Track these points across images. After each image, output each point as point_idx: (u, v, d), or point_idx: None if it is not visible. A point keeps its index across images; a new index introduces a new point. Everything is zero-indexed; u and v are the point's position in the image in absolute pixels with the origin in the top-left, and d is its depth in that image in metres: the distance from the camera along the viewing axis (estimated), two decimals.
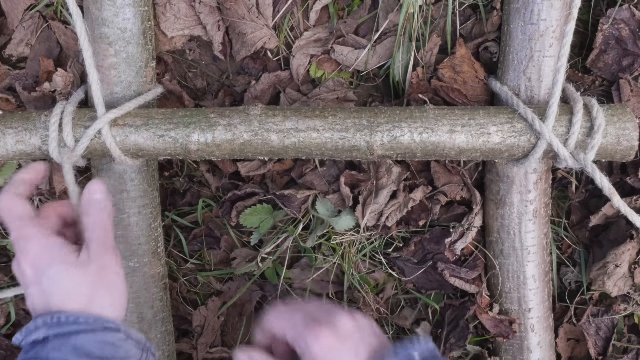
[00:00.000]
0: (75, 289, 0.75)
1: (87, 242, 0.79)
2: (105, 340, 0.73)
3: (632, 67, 1.06)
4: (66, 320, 0.72)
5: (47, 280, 0.75)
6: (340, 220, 1.10)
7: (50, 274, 0.75)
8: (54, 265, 0.75)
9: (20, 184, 0.83)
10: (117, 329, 0.75)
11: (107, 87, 0.97)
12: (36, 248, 0.76)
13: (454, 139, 0.91)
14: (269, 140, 0.92)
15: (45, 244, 0.77)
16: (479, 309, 1.11)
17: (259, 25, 1.04)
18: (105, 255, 0.78)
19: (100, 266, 0.77)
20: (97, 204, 0.82)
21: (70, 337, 0.71)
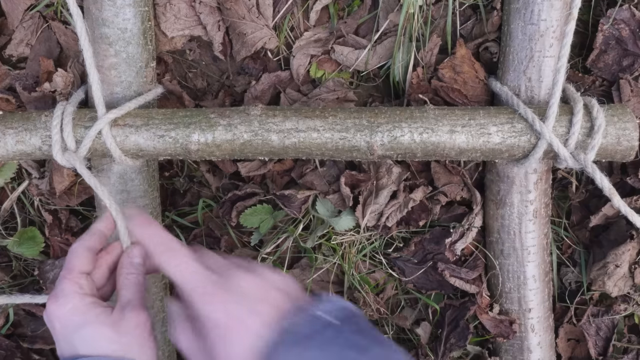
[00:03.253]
0: (107, 346, 0.75)
1: (122, 300, 0.79)
2: None
3: (632, 67, 1.06)
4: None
5: (78, 338, 0.76)
6: (340, 220, 1.10)
7: (82, 334, 0.76)
8: (86, 324, 0.76)
9: (96, 235, 0.84)
10: None
11: (107, 87, 0.97)
12: (70, 305, 0.77)
13: (454, 139, 0.91)
14: (269, 140, 0.92)
15: (79, 302, 0.77)
16: (479, 309, 1.11)
17: (259, 25, 1.04)
18: (140, 314, 0.78)
19: (135, 325, 0.77)
20: (136, 267, 0.83)
21: None
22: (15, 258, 1.19)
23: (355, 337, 0.68)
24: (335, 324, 0.69)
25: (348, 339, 0.68)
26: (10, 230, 1.18)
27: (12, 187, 1.14)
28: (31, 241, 1.15)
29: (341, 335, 0.68)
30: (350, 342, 0.67)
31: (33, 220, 1.18)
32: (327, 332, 0.68)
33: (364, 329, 0.71)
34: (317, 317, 0.70)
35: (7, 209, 1.15)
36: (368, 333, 0.70)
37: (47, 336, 1.20)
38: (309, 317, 0.69)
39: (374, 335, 0.70)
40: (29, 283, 1.21)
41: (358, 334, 0.69)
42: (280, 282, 0.76)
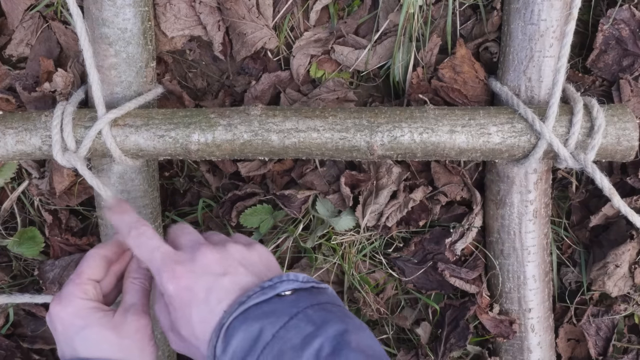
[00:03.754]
0: (108, 349, 0.76)
1: (125, 304, 0.80)
2: None
3: (632, 67, 1.06)
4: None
5: (79, 340, 0.76)
6: (340, 220, 1.10)
7: (83, 336, 0.76)
8: (88, 327, 0.76)
9: (114, 246, 0.84)
10: None
11: (107, 87, 0.97)
12: (71, 308, 0.77)
13: (454, 139, 0.91)
14: (269, 140, 0.92)
15: (81, 306, 0.78)
16: (479, 309, 1.11)
17: (259, 25, 1.04)
18: (141, 319, 0.79)
19: (136, 329, 0.77)
20: (143, 272, 0.84)
21: None
22: (15, 258, 1.19)
23: (315, 313, 0.69)
24: (295, 300, 0.71)
25: (307, 314, 0.69)
26: (10, 230, 1.18)
27: (12, 187, 1.14)
28: (31, 241, 1.15)
29: (301, 312, 0.69)
30: (308, 317, 0.69)
31: (33, 220, 1.18)
32: (286, 308, 0.70)
33: (327, 304, 0.72)
34: (278, 294, 0.71)
35: (7, 209, 1.15)
36: (329, 309, 0.71)
37: (47, 336, 1.20)
38: (269, 293, 0.71)
39: (335, 311, 0.71)
40: (29, 283, 1.21)
41: (320, 310, 0.70)
42: (249, 257, 0.77)
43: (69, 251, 1.16)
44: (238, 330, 0.69)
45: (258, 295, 0.71)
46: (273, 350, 0.67)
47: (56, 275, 1.15)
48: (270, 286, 0.72)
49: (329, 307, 0.72)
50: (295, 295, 0.72)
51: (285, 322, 0.68)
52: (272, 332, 0.68)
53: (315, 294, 0.74)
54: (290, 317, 0.69)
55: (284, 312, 0.69)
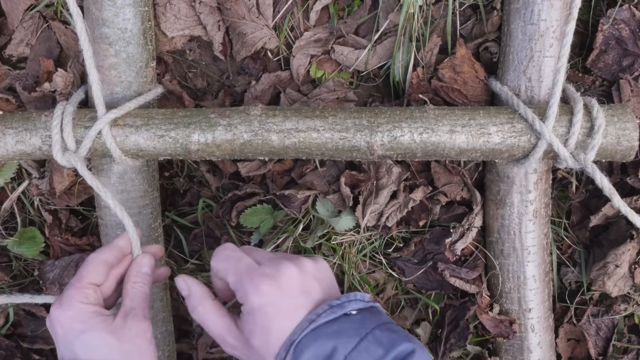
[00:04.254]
0: (107, 353, 0.77)
1: (125, 308, 0.81)
2: None
3: (632, 67, 1.06)
4: None
5: (79, 344, 0.77)
6: (340, 220, 1.10)
7: (83, 339, 0.77)
8: (88, 331, 0.77)
9: (114, 250, 0.86)
10: None
11: (107, 87, 0.97)
12: (71, 312, 0.78)
13: (454, 139, 0.91)
14: (269, 140, 0.92)
15: (81, 310, 0.79)
16: (479, 308, 1.11)
17: (259, 25, 1.04)
18: (141, 323, 0.79)
19: (135, 334, 0.78)
20: (143, 276, 0.85)
21: None
22: (15, 258, 1.19)
23: (382, 334, 0.71)
24: (362, 320, 0.73)
25: (375, 335, 0.71)
26: (10, 230, 1.18)
27: (12, 187, 1.14)
28: (31, 241, 1.15)
29: (370, 332, 0.71)
30: (377, 339, 0.70)
31: (33, 220, 1.18)
32: (355, 329, 0.71)
33: (391, 324, 0.74)
34: (345, 313, 0.73)
35: (7, 209, 1.15)
36: (394, 330, 0.73)
37: (47, 336, 1.20)
38: (338, 312, 0.73)
39: (399, 332, 0.73)
40: (29, 283, 1.21)
41: (386, 331, 0.72)
42: (319, 273, 0.80)
43: (69, 251, 1.16)
44: (309, 348, 0.71)
45: (327, 314, 0.73)
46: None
47: (56, 275, 1.15)
48: (339, 305, 0.74)
49: (393, 327, 0.74)
50: (361, 315, 0.74)
51: (356, 343, 0.70)
52: (344, 352, 0.70)
53: (375, 313, 0.76)
54: (360, 338, 0.71)
55: (354, 332, 0.71)
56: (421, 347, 0.71)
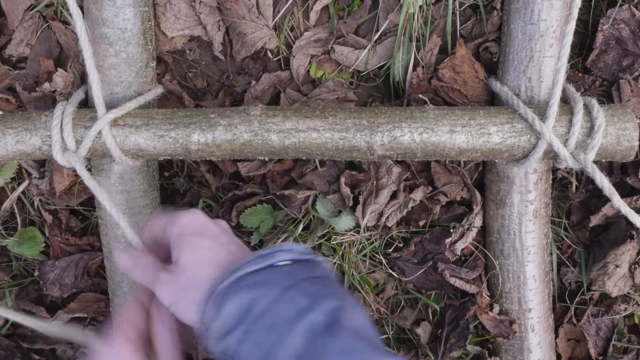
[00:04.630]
0: None
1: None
2: None
3: (632, 67, 1.06)
4: None
5: None
6: (340, 220, 1.10)
7: None
8: None
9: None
10: None
11: (107, 87, 0.97)
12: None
13: (454, 139, 0.91)
14: (269, 140, 0.92)
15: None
16: (479, 308, 1.11)
17: (259, 25, 1.04)
18: None
19: None
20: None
21: None
22: (15, 258, 1.19)
23: (311, 287, 0.69)
24: (291, 271, 0.70)
25: (303, 288, 0.68)
26: (10, 230, 1.18)
27: (12, 187, 1.14)
28: (31, 241, 1.15)
29: (297, 284, 0.68)
30: (304, 290, 0.68)
31: (33, 220, 1.18)
32: (281, 280, 0.69)
33: (324, 278, 0.72)
34: (272, 264, 0.71)
35: (7, 209, 1.15)
36: (326, 284, 0.70)
37: (46, 336, 1.20)
38: (264, 263, 0.70)
39: (331, 286, 0.71)
40: (29, 283, 1.21)
41: (316, 284, 0.69)
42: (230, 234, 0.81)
43: (69, 251, 1.16)
44: (230, 299, 0.68)
45: (251, 264, 0.70)
46: (266, 322, 0.66)
47: (56, 275, 1.15)
48: (267, 255, 0.71)
49: (325, 282, 0.71)
50: (291, 267, 0.71)
51: (279, 293, 0.68)
52: (265, 303, 0.67)
53: (312, 267, 0.73)
54: (285, 289, 0.68)
55: (279, 283, 0.69)
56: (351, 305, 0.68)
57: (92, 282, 1.19)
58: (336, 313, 0.65)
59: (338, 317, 0.65)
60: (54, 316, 1.15)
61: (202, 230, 0.79)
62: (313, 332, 0.64)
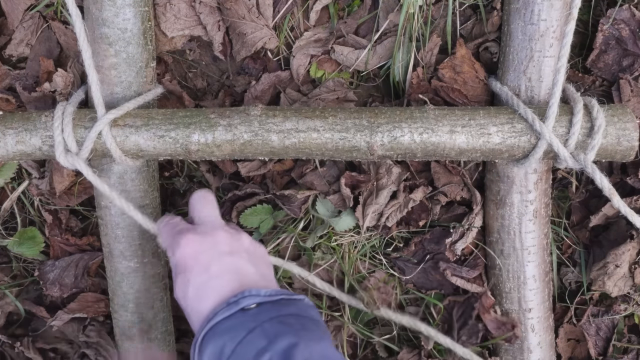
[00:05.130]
0: None
1: None
2: None
3: (632, 67, 1.06)
4: None
5: None
6: (340, 221, 1.10)
7: None
8: None
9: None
10: None
11: (107, 87, 0.97)
12: None
13: (454, 139, 0.91)
14: (269, 141, 0.92)
15: None
16: (482, 309, 1.11)
17: (259, 25, 1.04)
18: None
19: None
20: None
21: None
22: (15, 258, 1.19)
23: (271, 327, 0.74)
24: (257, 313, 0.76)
25: (264, 329, 0.74)
26: (10, 230, 1.18)
27: (12, 187, 1.14)
28: (31, 241, 1.15)
29: (259, 326, 0.74)
30: (264, 331, 0.73)
31: (33, 220, 1.18)
32: (247, 323, 0.75)
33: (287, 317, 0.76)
34: (242, 308, 0.77)
35: (7, 209, 1.15)
36: (287, 321, 0.75)
37: (47, 336, 1.20)
38: (233, 309, 0.77)
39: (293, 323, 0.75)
40: (29, 283, 1.21)
41: (277, 323, 0.74)
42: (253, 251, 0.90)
43: (69, 251, 1.16)
44: (208, 346, 0.75)
45: (223, 312, 0.77)
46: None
47: (56, 275, 1.15)
48: (235, 302, 0.78)
49: (288, 320, 0.76)
50: (258, 308, 0.77)
51: (243, 337, 0.73)
52: (231, 347, 0.73)
53: (283, 305, 0.78)
54: (248, 332, 0.74)
55: (244, 326, 0.74)
56: (309, 340, 0.72)
57: (92, 282, 1.19)
58: (289, 351, 0.70)
59: (291, 354, 0.70)
60: (54, 316, 1.15)
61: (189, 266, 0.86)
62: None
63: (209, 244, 0.86)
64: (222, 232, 0.88)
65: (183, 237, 0.86)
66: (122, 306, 1.09)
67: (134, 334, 1.10)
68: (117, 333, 1.12)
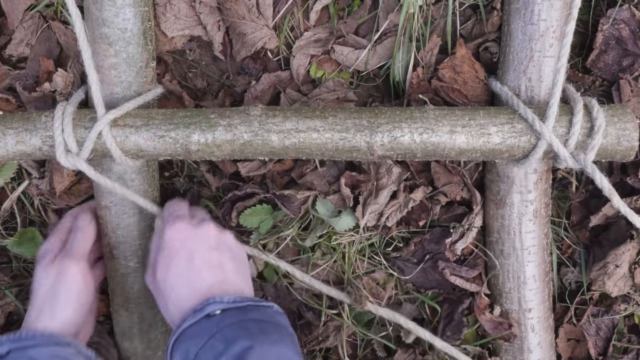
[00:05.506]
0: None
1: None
2: (56, 353, 0.84)
3: (632, 67, 1.06)
4: (25, 336, 0.85)
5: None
6: (340, 221, 1.10)
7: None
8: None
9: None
10: (67, 343, 0.87)
11: (107, 87, 0.97)
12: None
13: (454, 140, 0.91)
14: (269, 141, 0.92)
15: None
16: (477, 310, 1.11)
17: (259, 25, 1.04)
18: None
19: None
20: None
21: (27, 350, 0.83)
22: (15, 258, 1.19)
23: (231, 331, 0.78)
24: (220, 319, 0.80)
25: (224, 333, 0.77)
26: (10, 230, 1.18)
27: (12, 187, 1.14)
28: (31, 241, 1.15)
29: (219, 331, 0.78)
30: (224, 336, 0.77)
31: (33, 220, 1.18)
32: (209, 328, 0.79)
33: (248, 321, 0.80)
34: (208, 314, 0.81)
35: (7, 209, 1.15)
36: (246, 326, 0.79)
37: None
38: (198, 316, 0.81)
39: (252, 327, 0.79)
40: (29, 283, 1.21)
41: (236, 328, 0.78)
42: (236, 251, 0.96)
43: None
44: (176, 351, 0.80)
45: (190, 319, 0.81)
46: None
47: None
48: (200, 309, 0.82)
49: (247, 324, 0.79)
50: (222, 315, 0.81)
51: (205, 342, 0.77)
52: (194, 352, 0.77)
53: (248, 311, 0.82)
54: (209, 337, 0.78)
55: (207, 332, 0.79)
56: (263, 343, 0.76)
57: None
58: (243, 354, 0.74)
59: (243, 357, 0.73)
60: None
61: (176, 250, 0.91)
62: None
63: (199, 236, 0.92)
64: (212, 226, 0.94)
65: (178, 221, 0.93)
66: (122, 306, 1.09)
67: (134, 334, 1.11)
68: (117, 333, 1.12)
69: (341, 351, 1.17)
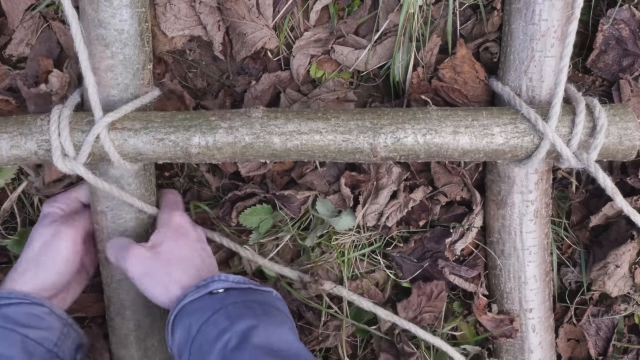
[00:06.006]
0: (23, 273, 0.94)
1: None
2: (30, 312, 0.88)
3: (632, 67, 1.06)
4: (1, 295, 0.88)
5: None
6: (340, 220, 1.09)
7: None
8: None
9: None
10: (41, 303, 0.90)
11: (103, 89, 0.94)
12: None
13: (457, 140, 0.91)
14: (271, 143, 0.91)
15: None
16: (477, 310, 1.11)
17: (259, 25, 1.04)
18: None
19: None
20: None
21: (1, 308, 0.86)
22: (15, 258, 1.18)
23: (235, 310, 0.79)
24: (223, 297, 0.82)
25: (227, 310, 0.79)
26: (10, 230, 1.17)
27: (12, 187, 1.14)
28: None
29: (223, 308, 0.80)
30: (228, 313, 0.79)
31: (33, 220, 1.17)
32: (213, 304, 0.81)
33: (252, 302, 0.82)
34: (210, 291, 0.83)
35: (7, 209, 1.14)
36: (251, 306, 0.81)
37: None
38: (202, 292, 0.83)
39: (256, 308, 0.81)
40: None
41: (240, 307, 0.80)
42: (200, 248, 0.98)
43: None
44: (178, 325, 0.81)
45: (192, 294, 0.83)
46: (196, 343, 0.78)
47: None
48: (204, 285, 0.84)
49: (251, 305, 0.82)
50: (225, 293, 0.83)
51: (208, 317, 0.79)
52: (197, 327, 0.79)
53: (250, 293, 0.85)
54: (213, 313, 0.79)
55: (210, 308, 0.80)
56: (268, 324, 0.78)
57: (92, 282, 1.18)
58: (248, 332, 0.75)
59: (249, 335, 0.75)
60: None
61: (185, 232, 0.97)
62: (226, 349, 0.75)
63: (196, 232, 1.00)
64: (198, 227, 1.03)
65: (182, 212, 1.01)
66: (119, 313, 1.07)
67: (130, 342, 1.08)
68: (113, 341, 1.10)
69: (341, 351, 1.17)
